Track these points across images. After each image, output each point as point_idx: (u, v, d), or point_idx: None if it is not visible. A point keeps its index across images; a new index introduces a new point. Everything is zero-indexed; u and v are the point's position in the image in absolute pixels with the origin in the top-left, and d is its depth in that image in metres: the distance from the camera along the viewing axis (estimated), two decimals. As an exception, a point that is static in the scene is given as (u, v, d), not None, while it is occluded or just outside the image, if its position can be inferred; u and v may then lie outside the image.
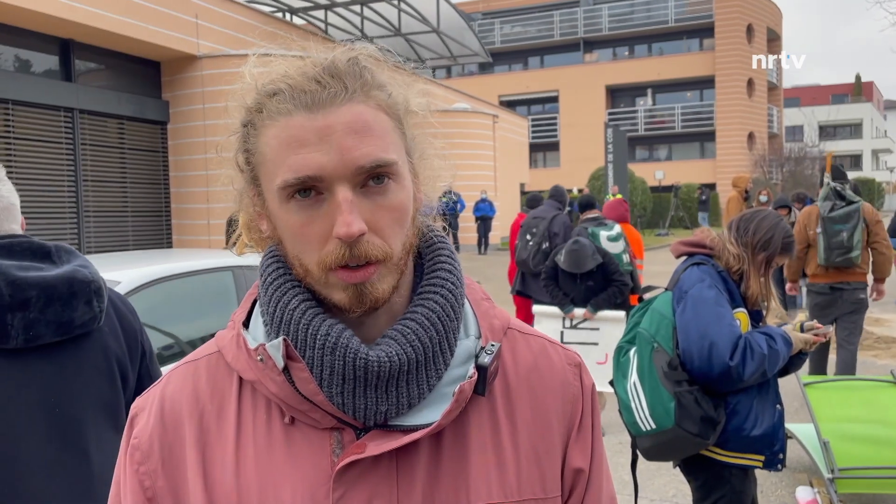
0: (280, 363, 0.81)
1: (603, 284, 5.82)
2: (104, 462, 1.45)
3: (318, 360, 0.80)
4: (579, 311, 5.87)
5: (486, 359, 0.83)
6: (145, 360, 1.64)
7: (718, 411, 2.56)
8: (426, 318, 0.82)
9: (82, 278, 1.44)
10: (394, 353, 0.80)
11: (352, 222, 0.76)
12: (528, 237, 7.10)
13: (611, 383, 2.86)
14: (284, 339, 0.81)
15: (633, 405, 2.64)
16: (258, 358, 0.83)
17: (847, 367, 5.91)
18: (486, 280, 12.59)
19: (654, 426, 2.57)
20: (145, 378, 1.63)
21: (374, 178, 0.79)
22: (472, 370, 0.83)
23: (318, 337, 0.80)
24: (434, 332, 0.82)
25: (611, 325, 5.78)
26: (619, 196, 17.11)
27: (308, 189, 0.78)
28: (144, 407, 0.90)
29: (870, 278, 5.93)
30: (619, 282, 5.84)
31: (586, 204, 7.21)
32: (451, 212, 18.55)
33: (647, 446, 2.65)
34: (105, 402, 1.48)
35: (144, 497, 0.86)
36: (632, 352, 2.72)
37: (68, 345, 1.43)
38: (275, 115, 0.80)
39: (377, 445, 0.80)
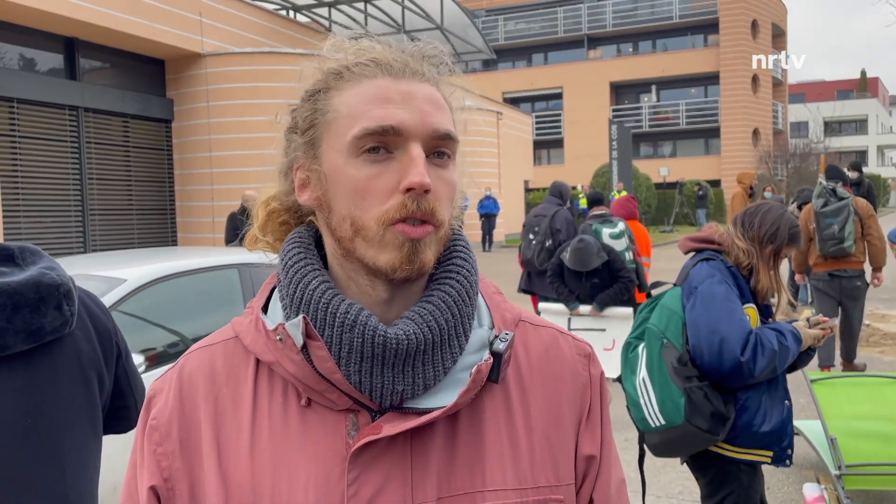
0: (299, 341, 0.82)
1: (609, 282, 5.82)
2: (80, 471, 1.40)
3: (336, 338, 0.82)
4: (585, 308, 5.86)
5: (500, 345, 0.85)
6: (121, 359, 1.57)
7: (728, 407, 2.55)
8: (442, 300, 0.85)
9: (49, 282, 1.35)
10: (411, 331, 0.81)
11: (424, 173, 0.80)
12: (531, 236, 7.09)
13: (618, 379, 2.85)
14: (304, 318, 0.82)
15: (642, 401, 2.63)
16: (277, 338, 0.84)
17: (851, 332, 6.56)
18: (491, 277, 12.57)
19: (663, 422, 2.57)
20: (122, 378, 1.57)
21: (437, 152, 0.84)
22: (487, 355, 0.85)
23: (338, 315, 0.81)
24: (450, 314, 0.84)
25: (617, 319, 5.77)
26: (624, 193, 17.09)
27: (377, 147, 0.82)
28: (162, 388, 0.91)
29: (869, 269, 6.52)
30: (626, 279, 5.82)
31: (594, 200, 7.21)
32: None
33: (656, 442, 2.66)
34: (81, 407, 1.42)
35: (161, 478, 0.87)
36: (640, 347, 2.71)
37: (39, 352, 1.35)
38: (358, 77, 0.85)
39: (393, 426, 0.81)
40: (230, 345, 0.91)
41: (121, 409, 1.58)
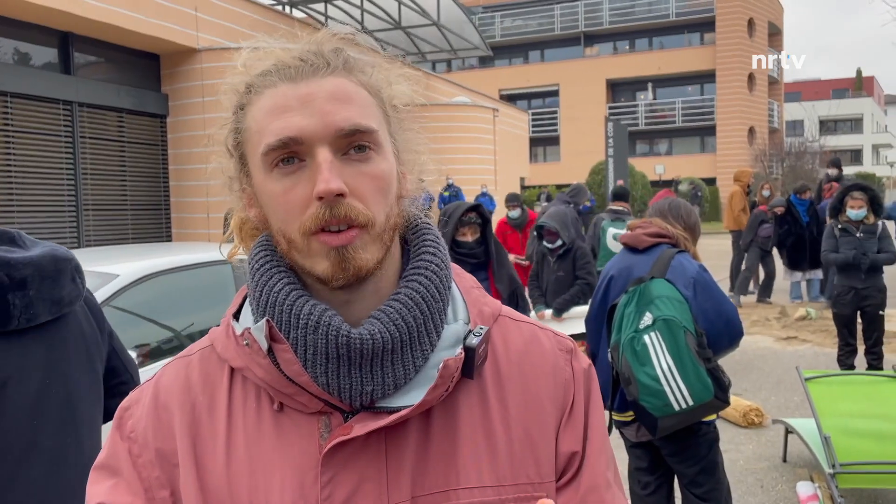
0: (264, 345, 0.82)
1: (573, 277, 5.76)
2: (92, 440, 1.45)
3: (301, 339, 0.81)
4: (548, 313, 5.82)
5: (473, 340, 0.83)
6: (112, 336, 1.63)
7: (726, 375, 2.88)
8: (410, 297, 0.83)
9: (63, 256, 1.44)
10: (377, 331, 0.80)
11: (330, 179, 0.77)
12: (534, 233, 7.16)
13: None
14: (268, 321, 0.82)
15: (667, 388, 2.75)
16: (244, 343, 0.84)
17: None
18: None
19: (691, 403, 2.75)
20: (114, 355, 1.62)
21: (355, 147, 0.81)
22: (459, 351, 0.83)
23: (302, 316, 0.81)
24: (418, 311, 0.83)
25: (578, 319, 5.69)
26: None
27: (290, 158, 0.80)
28: (139, 399, 0.91)
29: None
30: (584, 280, 5.75)
31: (617, 195, 7.23)
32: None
33: (672, 424, 2.81)
34: (89, 380, 1.47)
35: (142, 487, 0.86)
36: (647, 339, 2.80)
37: (55, 324, 1.41)
38: (261, 90, 0.83)
39: (363, 426, 0.80)
40: (206, 353, 0.91)
41: (118, 386, 1.62)
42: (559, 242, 5.67)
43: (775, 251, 10.77)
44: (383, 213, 0.82)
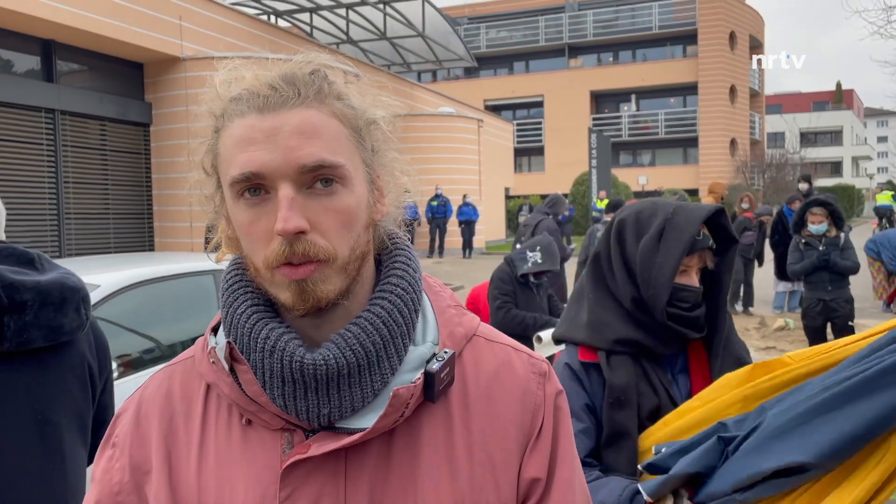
0: (225, 365, 0.85)
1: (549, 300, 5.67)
2: (76, 471, 1.44)
3: (260, 362, 0.83)
4: (546, 334, 5.65)
5: (434, 366, 0.83)
6: (111, 376, 1.63)
7: None
8: (370, 322, 0.84)
9: (72, 285, 1.44)
10: (331, 356, 0.81)
11: (289, 218, 0.78)
12: (518, 245, 7.19)
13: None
14: (228, 342, 0.85)
15: None
16: (211, 360, 0.87)
17: None
18: (470, 284, 12.58)
19: None
20: (106, 392, 1.61)
21: (322, 180, 0.81)
22: (417, 376, 0.83)
23: (259, 340, 0.83)
24: (377, 336, 0.83)
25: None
26: (606, 201, 17.16)
27: (257, 188, 0.81)
28: (127, 408, 0.94)
29: None
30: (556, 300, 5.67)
31: (613, 206, 7.40)
32: (440, 215, 18.58)
33: None
34: (79, 411, 1.47)
35: (112, 492, 0.89)
36: None
37: (52, 350, 1.41)
38: (231, 117, 0.83)
39: (320, 446, 0.81)
40: (189, 364, 0.93)
41: (103, 424, 1.61)
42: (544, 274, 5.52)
43: (760, 259, 10.95)
44: (347, 246, 0.83)
